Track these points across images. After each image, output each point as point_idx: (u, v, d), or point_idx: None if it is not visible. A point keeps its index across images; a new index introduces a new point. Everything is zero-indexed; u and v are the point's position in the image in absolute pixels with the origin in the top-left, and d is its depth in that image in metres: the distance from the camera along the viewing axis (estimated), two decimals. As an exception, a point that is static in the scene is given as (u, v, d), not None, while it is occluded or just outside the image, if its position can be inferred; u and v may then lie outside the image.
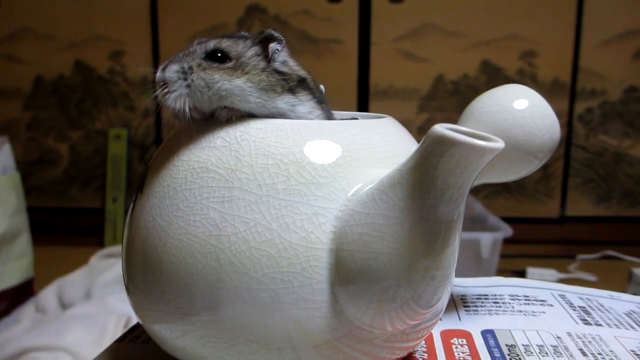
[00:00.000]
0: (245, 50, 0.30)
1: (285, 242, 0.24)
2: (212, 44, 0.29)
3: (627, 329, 0.39)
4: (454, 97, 2.04)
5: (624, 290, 0.50)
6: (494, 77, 2.00)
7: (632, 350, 0.36)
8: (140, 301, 0.28)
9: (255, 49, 0.30)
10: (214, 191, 0.25)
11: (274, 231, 0.24)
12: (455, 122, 0.34)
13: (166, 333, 0.27)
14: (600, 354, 0.35)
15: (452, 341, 0.37)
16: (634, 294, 0.47)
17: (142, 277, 0.27)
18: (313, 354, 0.25)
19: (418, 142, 0.30)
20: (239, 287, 0.24)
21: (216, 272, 0.24)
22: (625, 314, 0.42)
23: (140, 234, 0.27)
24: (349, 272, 0.23)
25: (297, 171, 0.25)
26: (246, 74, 0.29)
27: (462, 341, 0.37)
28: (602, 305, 0.44)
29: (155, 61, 2.03)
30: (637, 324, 0.40)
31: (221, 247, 0.24)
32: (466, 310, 0.42)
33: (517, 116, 0.35)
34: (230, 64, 0.29)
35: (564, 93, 2.00)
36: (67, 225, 2.21)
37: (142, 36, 2.06)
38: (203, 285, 0.24)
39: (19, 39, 2.12)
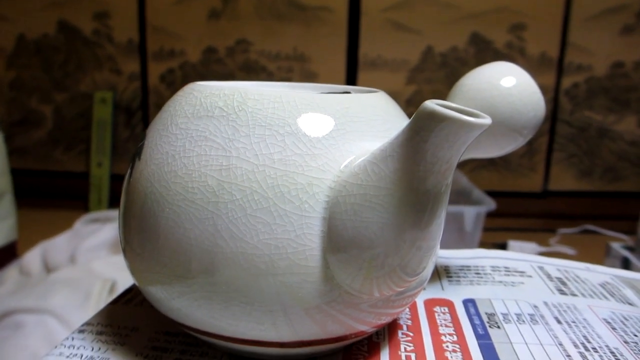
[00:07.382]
0: None
1: (280, 210, 0.25)
2: None
3: (601, 298, 0.41)
4: (442, 69, 2.04)
5: (601, 264, 0.52)
6: (482, 49, 2.01)
7: (604, 319, 0.37)
8: (137, 264, 0.28)
9: None
10: (212, 159, 0.26)
11: (270, 199, 0.25)
12: (443, 94, 0.35)
13: (162, 294, 0.28)
14: (574, 322, 0.37)
15: (434, 309, 0.38)
16: (612, 267, 0.49)
17: (139, 241, 0.28)
18: (303, 317, 0.26)
19: (406, 112, 0.31)
20: (235, 252, 0.25)
21: (213, 237, 0.25)
22: (599, 284, 0.44)
23: (139, 199, 0.28)
24: (340, 240, 0.24)
25: (293, 142, 0.25)
26: None
27: (444, 309, 0.38)
28: (578, 277, 0.45)
29: (142, 24, 2.00)
30: (610, 294, 0.42)
31: (218, 214, 0.25)
32: (449, 280, 0.43)
33: (504, 93, 0.36)
34: None
35: (551, 67, 2.01)
36: (51, 188, 2.20)
37: (129, -2, 2.02)
38: (200, 249, 0.25)
39: (1, -4, 2.07)
